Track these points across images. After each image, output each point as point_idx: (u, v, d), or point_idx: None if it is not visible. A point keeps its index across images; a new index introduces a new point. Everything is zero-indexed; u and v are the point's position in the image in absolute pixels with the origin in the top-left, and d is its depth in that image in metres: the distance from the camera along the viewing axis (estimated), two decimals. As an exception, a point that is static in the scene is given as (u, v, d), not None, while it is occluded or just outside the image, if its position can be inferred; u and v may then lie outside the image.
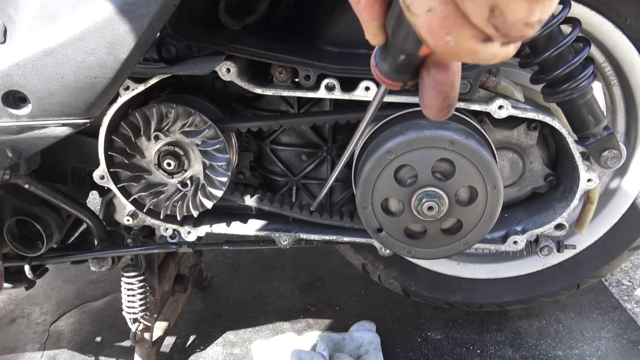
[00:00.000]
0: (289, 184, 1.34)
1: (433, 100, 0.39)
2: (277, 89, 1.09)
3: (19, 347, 1.60)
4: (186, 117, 1.10)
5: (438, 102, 0.39)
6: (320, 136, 1.30)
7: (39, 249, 1.23)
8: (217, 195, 1.16)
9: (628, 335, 1.58)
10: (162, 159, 1.13)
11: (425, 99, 0.39)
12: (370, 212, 1.05)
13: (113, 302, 1.79)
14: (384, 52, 0.39)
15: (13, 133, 0.90)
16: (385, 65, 0.40)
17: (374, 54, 0.41)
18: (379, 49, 0.40)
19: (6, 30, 0.86)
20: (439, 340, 1.58)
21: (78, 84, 0.86)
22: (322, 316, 1.69)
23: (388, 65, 0.40)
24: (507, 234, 1.23)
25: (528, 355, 1.51)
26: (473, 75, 1.03)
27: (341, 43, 1.10)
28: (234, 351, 1.56)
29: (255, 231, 1.25)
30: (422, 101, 0.40)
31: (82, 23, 0.83)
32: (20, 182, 1.11)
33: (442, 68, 0.38)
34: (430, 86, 0.38)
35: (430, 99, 0.39)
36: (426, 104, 0.40)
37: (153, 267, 1.40)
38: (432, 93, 0.38)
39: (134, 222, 1.21)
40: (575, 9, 1.15)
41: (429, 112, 0.40)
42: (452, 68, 0.38)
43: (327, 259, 2.01)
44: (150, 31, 0.84)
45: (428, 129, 0.99)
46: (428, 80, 0.38)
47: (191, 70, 1.02)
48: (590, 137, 1.11)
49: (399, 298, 1.64)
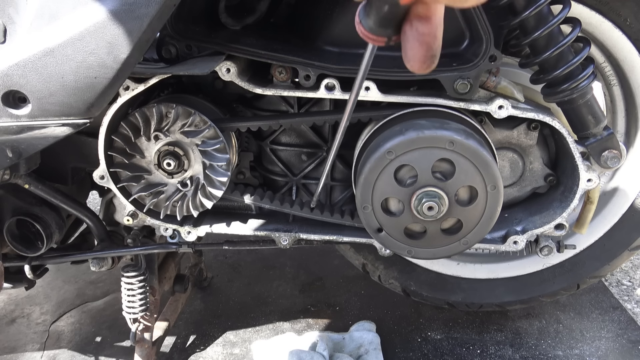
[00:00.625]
0: (289, 184, 1.34)
1: (416, 51, 0.40)
2: (277, 89, 1.09)
3: (19, 347, 1.60)
4: (186, 117, 1.10)
5: (421, 53, 0.40)
6: (320, 136, 1.30)
7: (39, 249, 1.23)
8: (217, 195, 1.16)
9: (628, 335, 1.58)
10: (162, 159, 1.13)
11: (409, 52, 0.41)
12: (370, 212, 1.05)
13: (113, 302, 1.79)
14: (367, 7, 0.41)
15: (13, 133, 0.90)
16: (369, 21, 0.41)
17: (358, 11, 0.43)
18: (362, 5, 0.42)
19: (6, 30, 0.86)
20: (439, 340, 1.58)
21: (78, 84, 0.86)
22: (322, 316, 1.69)
23: (372, 20, 0.41)
24: (507, 234, 1.23)
25: (528, 355, 1.51)
26: (473, 75, 1.03)
27: (341, 43, 1.10)
28: (234, 351, 1.56)
29: (255, 231, 1.25)
30: (406, 54, 0.41)
31: (82, 23, 0.83)
32: (20, 182, 1.11)
33: (424, 20, 0.39)
34: (413, 38, 0.40)
35: (413, 50, 0.40)
36: (409, 57, 0.41)
37: (153, 267, 1.40)
38: (415, 45, 0.40)
39: (134, 222, 1.21)
40: (575, 9, 1.15)
41: (413, 64, 0.41)
42: (434, 19, 0.39)
43: (327, 259, 2.01)
44: (150, 31, 0.84)
45: (428, 129, 0.99)
46: (411, 33, 0.40)
47: (191, 70, 1.02)
48: (590, 137, 1.11)
49: (399, 298, 1.64)
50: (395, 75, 1.05)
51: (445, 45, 1.06)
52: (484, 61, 1.01)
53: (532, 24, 1.00)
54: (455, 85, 1.04)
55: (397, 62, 1.08)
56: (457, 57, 1.05)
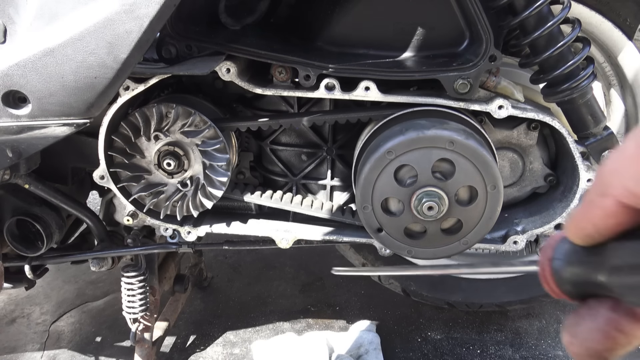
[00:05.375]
0: (289, 184, 1.34)
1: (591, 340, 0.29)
2: (277, 89, 1.09)
3: (19, 347, 1.60)
4: (186, 117, 1.10)
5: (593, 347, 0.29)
6: (320, 136, 1.30)
7: (39, 249, 1.23)
8: (217, 195, 1.16)
9: (628, 335, 1.58)
10: (162, 159, 1.13)
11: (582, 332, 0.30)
12: (370, 212, 1.05)
13: (113, 302, 1.79)
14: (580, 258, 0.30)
15: (13, 133, 0.90)
16: (568, 271, 0.31)
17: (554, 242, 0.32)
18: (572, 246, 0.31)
19: (6, 30, 0.86)
20: (439, 340, 1.58)
21: (78, 84, 0.86)
22: (322, 316, 1.69)
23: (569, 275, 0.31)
24: (507, 234, 1.23)
25: (528, 355, 1.51)
26: (473, 75, 1.03)
27: (341, 43, 1.09)
28: (234, 351, 1.56)
29: (255, 231, 1.25)
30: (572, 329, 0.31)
31: (82, 23, 0.83)
32: (20, 182, 1.11)
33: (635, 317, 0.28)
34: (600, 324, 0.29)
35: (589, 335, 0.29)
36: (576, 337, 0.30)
37: (153, 267, 1.40)
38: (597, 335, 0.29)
39: (134, 222, 1.21)
40: (575, 9, 1.15)
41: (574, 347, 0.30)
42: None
43: (327, 259, 2.00)
44: (150, 31, 0.84)
45: (428, 129, 0.99)
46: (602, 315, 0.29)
47: (191, 70, 1.02)
48: (590, 137, 1.11)
49: (399, 298, 1.64)
50: (395, 75, 1.05)
51: (445, 45, 1.07)
52: (484, 61, 1.01)
53: (532, 24, 1.00)
54: (455, 85, 1.04)
55: (397, 62, 1.08)
56: (457, 57, 1.05)
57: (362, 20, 1.07)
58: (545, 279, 0.32)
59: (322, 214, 1.23)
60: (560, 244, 0.32)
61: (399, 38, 1.08)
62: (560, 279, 0.31)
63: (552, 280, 0.32)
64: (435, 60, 1.06)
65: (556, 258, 0.31)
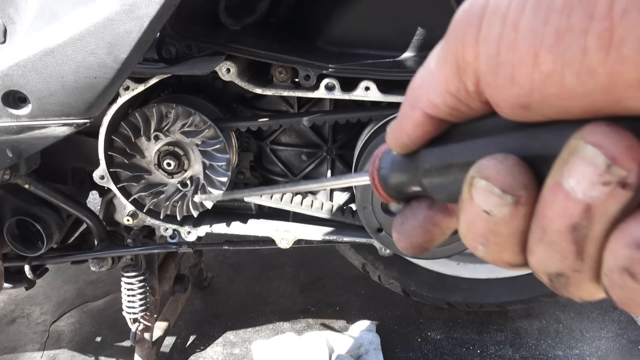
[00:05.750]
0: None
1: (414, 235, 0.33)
2: (277, 89, 1.09)
3: (19, 347, 1.60)
4: (186, 117, 1.10)
5: (416, 240, 0.33)
6: (320, 136, 1.30)
7: (39, 249, 1.23)
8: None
9: (628, 335, 1.58)
10: (162, 159, 1.13)
11: (405, 229, 0.33)
12: (370, 212, 1.05)
13: (113, 302, 1.79)
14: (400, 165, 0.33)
15: (13, 133, 0.90)
16: (392, 178, 0.34)
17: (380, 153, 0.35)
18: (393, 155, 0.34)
19: (6, 30, 0.86)
20: (439, 340, 1.58)
21: (78, 84, 0.86)
22: (322, 316, 1.69)
23: (393, 181, 0.34)
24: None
25: (528, 355, 1.51)
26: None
27: (341, 43, 1.10)
28: (234, 351, 1.56)
29: (255, 231, 1.25)
30: (398, 228, 0.34)
31: (82, 23, 0.83)
32: (20, 182, 1.11)
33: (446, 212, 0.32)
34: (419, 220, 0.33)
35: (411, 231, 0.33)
36: (402, 234, 0.34)
37: (153, 267, 1.40)
38: (417, 230, 0.33)
39: (134, 222, 1.21)
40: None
41: (401, 243, 0.34)
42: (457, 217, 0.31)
43: (327, 259, 2.01)
44: (150, 31, 0.84)
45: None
46: (421, 213, 0.33)
47: (191, 70, 1.02)
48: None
49: (399, 298, 1.64)
50: (395, 75, 1.05)
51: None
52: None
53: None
54: (455, 85, 1.04)
55: (397, 62, 1.08)
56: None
57: (362, 20, 1.07)
58: (375, 186, 0.36)
59: (322, 214, 1.23)
60: (385, 155, 0.35)
61: (399, 38, 1.08)
62: (386, 185, 0.35)
63: (381, 187, 0.35)
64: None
65: (382, 167, 0.35)
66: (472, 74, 0.24)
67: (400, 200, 0.35)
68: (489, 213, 0.24)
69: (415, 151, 0.31)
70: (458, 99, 0.26)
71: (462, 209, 0.26)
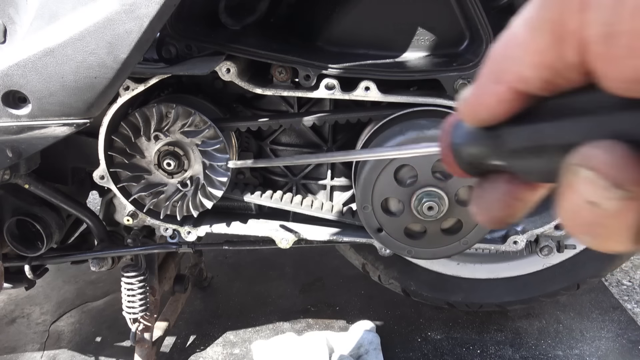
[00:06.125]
0: (289, 184, 1.34)
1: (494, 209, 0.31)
2: (277, 89, 1.09)
3: (19, 347, 1.60)
4: (186, 117, 1.10)
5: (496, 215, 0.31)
6: (320, 136, 1.30)
7: (39, 249, 1.23)
8: (217, 195, 1.16)
9: (628, 335, 1.58)
10: (162, 159, 1.13)
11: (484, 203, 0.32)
12: (370, 212, 1.05)
13: (113, 302, 1.79)
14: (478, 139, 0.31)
15: (13, 133, 0.90)
16: (467, 151, 0.32)
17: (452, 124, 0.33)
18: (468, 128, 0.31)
19: (6, 30, 0.86)
20: (439, 340, 1.58)
21: (78, 84, 0.86)
22: (322, 316, 1.69)
23: (468, 155, 0.32)
24: (507, 233, 1.23)
25: (528, 355, 1.51)
26: (473, 75, 1.03)
27: (341, 43, 1.10)
28: (234, 351, 1.56)
29: (255, 231, 1.25)
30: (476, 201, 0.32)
31: (82, 23, 0.83)
32: (20, 182, 1.11)
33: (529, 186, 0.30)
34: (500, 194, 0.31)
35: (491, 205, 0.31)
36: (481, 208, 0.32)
37: (153, 267, 1.40)
38: (498, 204, 0.31)
39: (134, 222, 1.21)
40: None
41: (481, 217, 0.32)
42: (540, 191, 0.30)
43: (327, 259, 2.01)
44: (150, 31, 0.84)
45: (428, 129, 0.99)
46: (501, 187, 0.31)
47: (191, 70, 1.02)
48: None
49: (399, 298, 1.64)
50: (395, 75, 1.05)
51: (445, 45, 1.07)
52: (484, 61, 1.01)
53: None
54: (455, 85, 1.04)
55: (397, 62, 1.08)
56: (457, 57, 1.05)
57: (362, 20, 1.07)
58: (446, 159, 0.34)
59: (322, 214, 1.23)
60: (456, 127, 0.33)
61: (399, 38, 1.08)
62: (460, 159, 0.33)
63: (453, 161, 0.33)
64: (435, 60, 1.06)
65: (455, 140, 0.33)
66: (575, 44, 0.21)
67: (474, 174, 0.33)
68: (595, 204, 0.21)
69: (495, 125, 0.29)
70: (555, 71, 0.23)
71: (563, 195, 0.23)
